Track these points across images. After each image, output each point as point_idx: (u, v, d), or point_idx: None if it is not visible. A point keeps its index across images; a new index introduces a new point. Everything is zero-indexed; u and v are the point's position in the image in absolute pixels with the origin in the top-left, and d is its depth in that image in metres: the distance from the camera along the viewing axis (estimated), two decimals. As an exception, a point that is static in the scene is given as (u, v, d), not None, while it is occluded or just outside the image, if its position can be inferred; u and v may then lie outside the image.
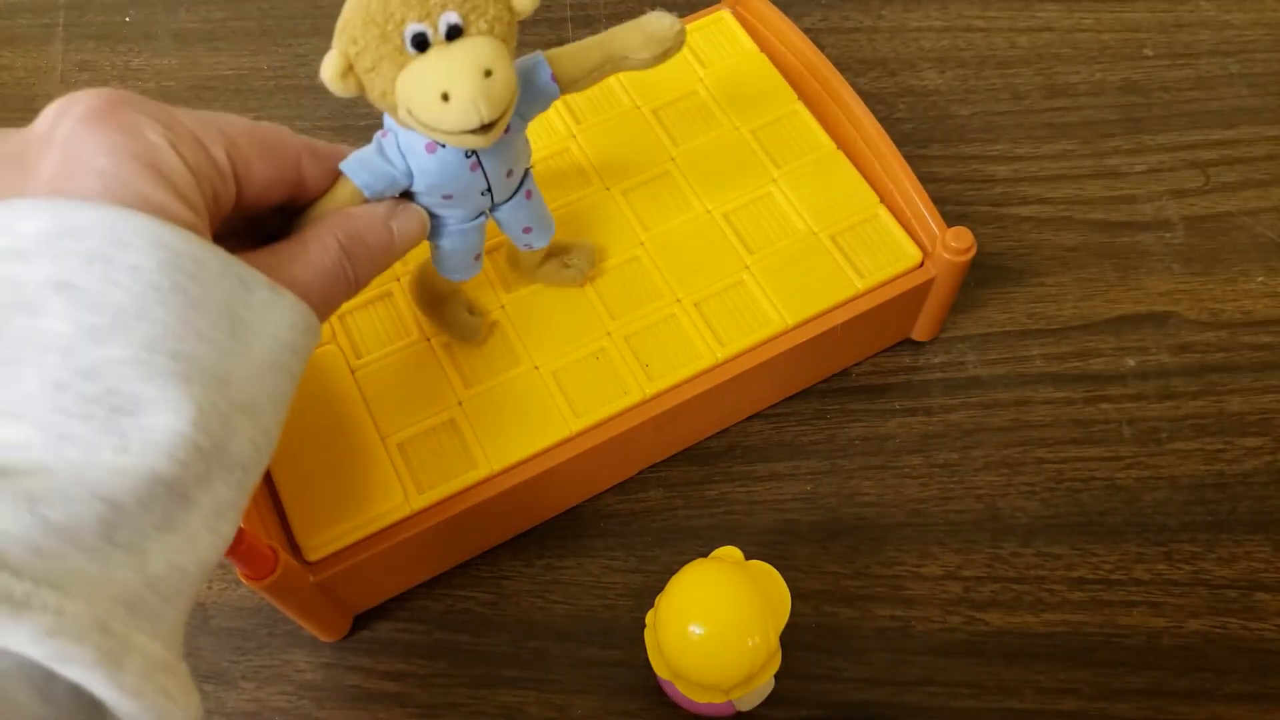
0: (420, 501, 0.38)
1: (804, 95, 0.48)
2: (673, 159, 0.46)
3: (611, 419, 0.40)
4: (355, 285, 0.32)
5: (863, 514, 0.43)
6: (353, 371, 0.41)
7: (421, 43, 0.29)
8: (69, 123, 0.26)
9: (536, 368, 0.41)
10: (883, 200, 0.45)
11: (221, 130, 0.29)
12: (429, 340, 0.42)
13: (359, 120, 0.55)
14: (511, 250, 0.42)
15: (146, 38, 0.59)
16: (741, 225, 0.45)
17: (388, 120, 0.32)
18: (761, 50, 0.49)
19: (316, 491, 0.38)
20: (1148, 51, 0.57)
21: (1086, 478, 0.44)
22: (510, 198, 0.36)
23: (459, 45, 0.29)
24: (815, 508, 0.44)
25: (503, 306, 0.43)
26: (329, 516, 0.38)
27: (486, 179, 0.34)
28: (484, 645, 0.41)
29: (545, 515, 0.43)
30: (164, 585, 0.24)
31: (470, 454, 0.39)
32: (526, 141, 0.36)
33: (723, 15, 0.51)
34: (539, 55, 0.34)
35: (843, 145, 0.47)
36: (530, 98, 0.34)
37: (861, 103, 0.46)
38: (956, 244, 0.42)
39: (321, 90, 0.30)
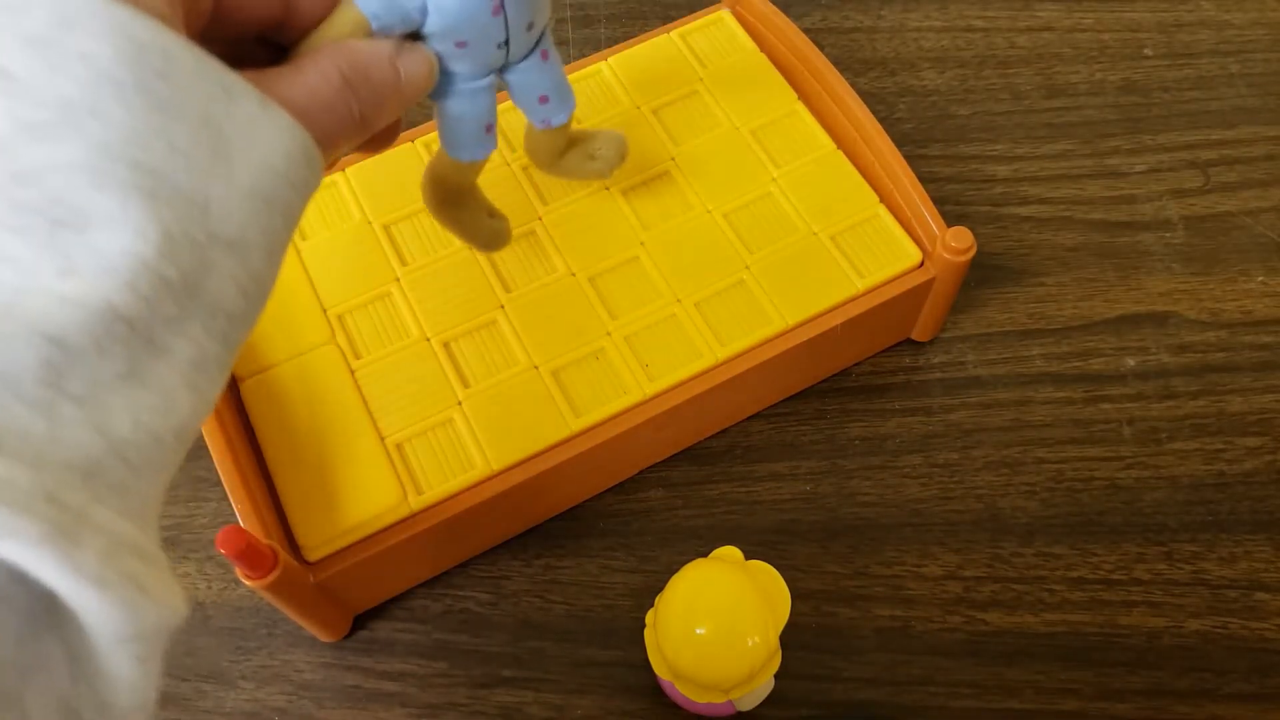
0: (420, 501, 0.38)
1: (804, 95, 0.48)
2: (673, 159, 0.46)
3: (611, 419, 0.40)
4: (361, 124, 0.27)
5: (863, 514, 0.43)
6: (352, 372, 0.41)
7: None
8: None
9: (536, 368, 0.41)
10: (883, 200, 0.45)
11: None
12: (429, 340, 0.42)
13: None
14: (530, 136, 0.38)
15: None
16: (741, 225, 0.45)
17: None
18: (761, 50, 0.49)
19: (316, 491, 0.38)
20: (1148, 51, 0.57)
21: (1087, 478, 0.44)
22: (527, 56, 0.33)
23: None
24: (815, 508, 0.44)
25: (502, 306, 0.43)
26: (329, 516, 0.38)
27: (507, 27, 0.31)
28: (483, 645, 0.41)
29: (545, 515, 0.43)
30: (132, 451, 0.20)
31: (470, 454, 0.39)
32: None
33: (723, 15, 0.51)
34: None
35: (843, 145, 0.47)
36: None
37: (861, 103, 0.46)
38: (956, 244, 0.42)
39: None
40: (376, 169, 0.46)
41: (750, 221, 0.45)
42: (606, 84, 0.48)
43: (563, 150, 0.39)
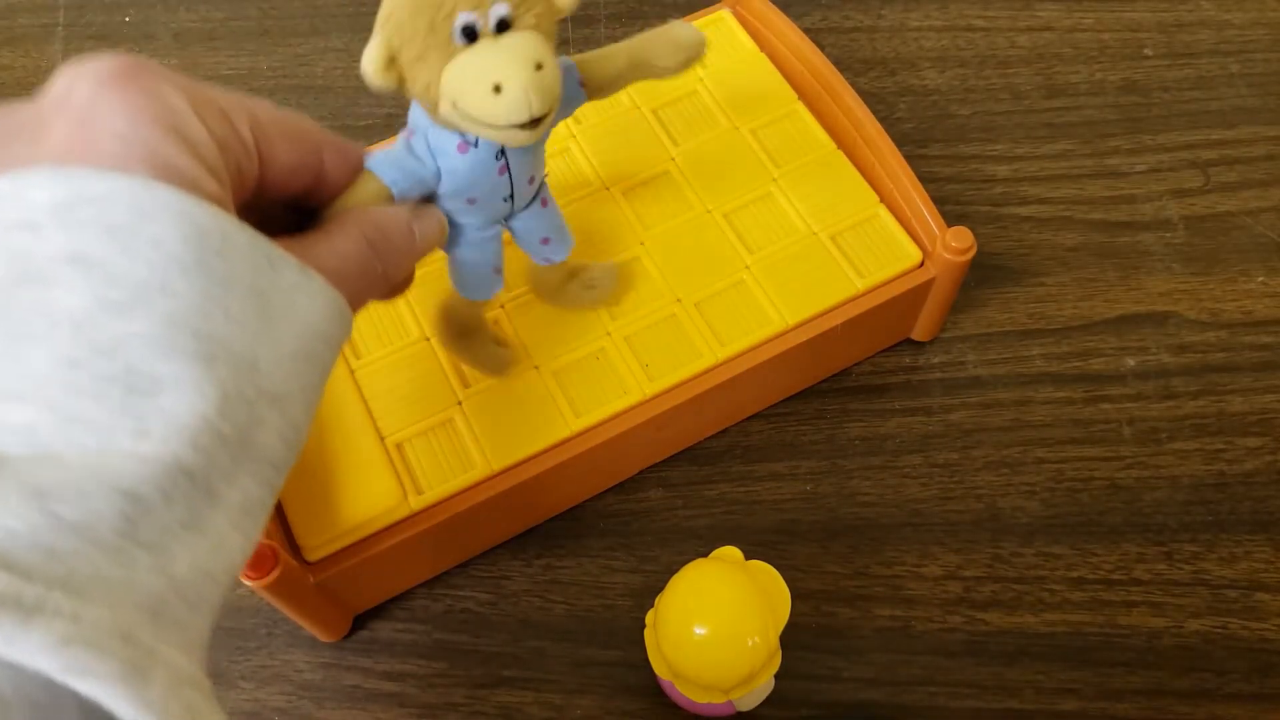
0: (420, 502, 0.38)
1: (804, 95, 0.48)
2: (673, 159, 0.46)
3: (611, 419, 0.40)
4: (384, 281, 0.30)
5: (863, 514, 0.43)
6: (352, 372, 0.41)
7: (471, 34, 0.28)
8: (86, 85, 0.24)
9: (536, 368, 0.41)
10: (883, 200, 0.45)
11: (245, 106, 0.27)
12: (428, 340, 0.42)
13: (359, 120, 0.55)
14: (533, 272, 0.41)
15: (146, 38, 0.59)
16: (741, 225, 0.45)
17: (415, 119, 0.32)
18: (761, 50, 0.49)
19: (316, 491, 0.38)
20: (1148, 51, 0.57)
21: (1087, 478, 0.44)
22: (528, 205, 0.36)
23: (509, 38, 0.28)
24: (815, 508, 0.44)
25: (502, 306, 0.43)
26: (329, 517, 0.38)
27: (511, 183, 0.33)
28: (483, 645, 0.41)
29: (545, 515, 0.43)
30: (190, 591, 0.22)
31: (470, 454, 0.39)
32: (544, 151, 0.35)
33: (723, 15, 0.51)
34: (568, 59, 0.33)
35: (843, 145, 0.47)
36: (561, 103, 0.33)
37: (861, 103, 0.46)
38: (956, 244, 0.42)
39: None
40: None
41: (750, 221, 0.45)
42: (606, 84, 0.48)
43: (565, 282, 0.41)
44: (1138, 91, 0.55)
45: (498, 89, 0.28)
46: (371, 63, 0.29)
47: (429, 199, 0.33)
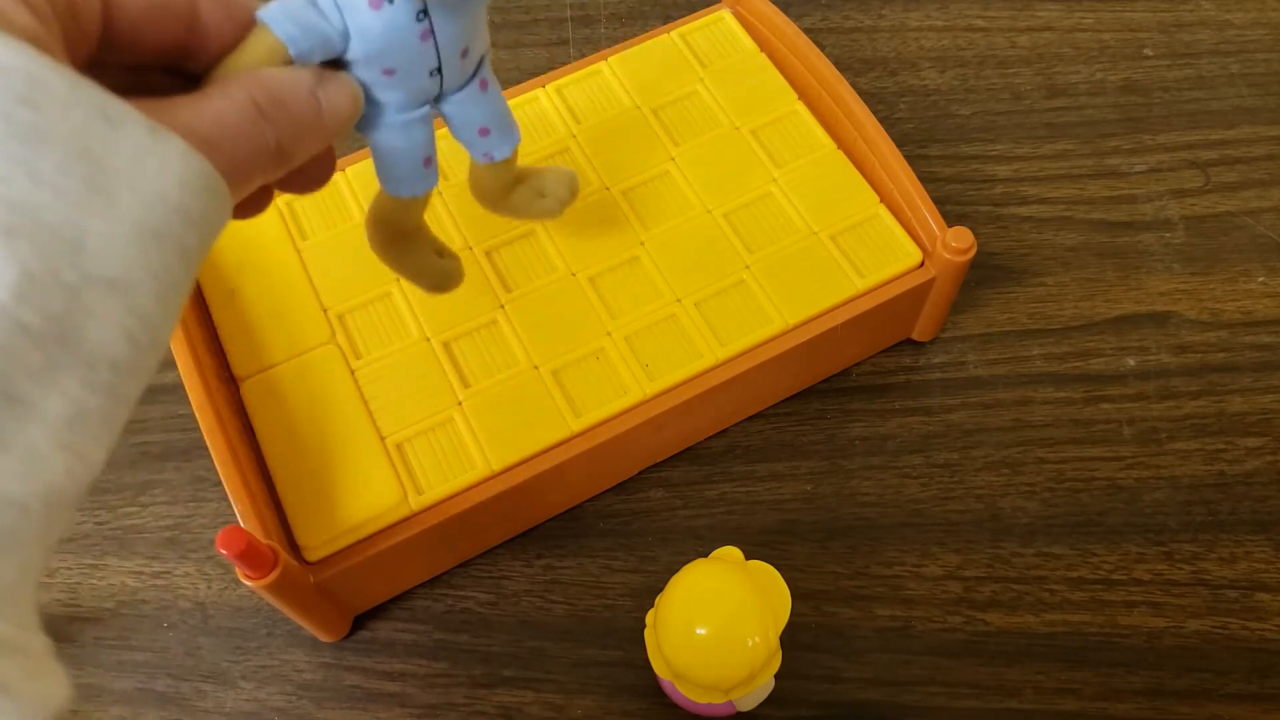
0: (420, 501, 0.38)
1: (804, 95, 0.48)
2: (673, 159, 0.46)
3: (611, 419, 0.40)
4: (278, 155, 0.25)
5: (863, 514, 0.43)
6: (352, 371, 0.41)
7: None
8: None
9: (536, 368, 0.41)
10: (883, 200, 0.45)
11: None
12: (429, 340, 0.42)
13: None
14: (474, 172, 0.36)
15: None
16: (741, 225, 0.45)
17: None
18: (761, 50, 0.49)
19: (316, 492, 0.38)
20: (1148, 51, 0.57)
21: (1087, 478, 0.44)
22: (463, 86, 0.31)
23: None
24: (815, 508, 0.44)
25: (502, 306, 0.43)
26: (329, 517, 0.38)
27: (438, 53, 0.29)
28: (483, 645, 0.41)
29: (545, 515, 0.43)
30: None
31: (470, 454, 0.39)
32: (484, 21, 0.31)
33: (723, 15, 0.51)
34: None
35: (843, 145, 0.47)
36: None
37: (861, 103, 0.46)
38: (956, 244, 0.42)
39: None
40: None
41: (750, 221, 0.45)
42: (606, 84, 0.48)
43: (510, 188, 0.37)
44: (1138, 91, 0.55)
45: None
46: None
47: (336, 65, 0.28)
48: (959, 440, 0.45)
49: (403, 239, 0.35)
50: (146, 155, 0.20)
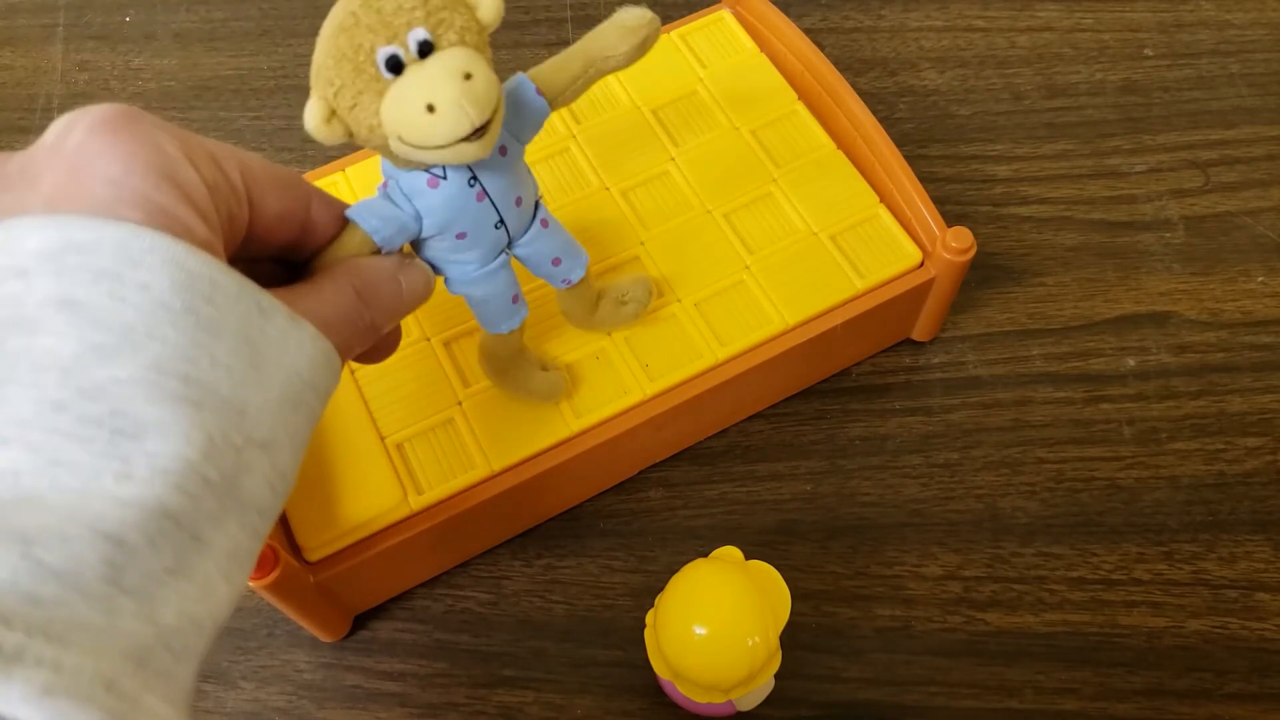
0: (420, 501, 0.38)
1: (804, 95, 0.48)
2: (673, 159, 0.46)
3: (611, 419, 0.40)
4: (371, 330, 0.30)
5: (863, 514, 0.43)
6: (352, 371, 0.41)
7: (396, 65, 0.28)
8: (79, 133, 0.24)
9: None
10: (883, 200, 0.45)
11: (236, 153, 0.28)
12: (429, 340, 0.42)
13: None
14: (561, 301, 0.40)
15: (146, 38, 0.59)
16: (741, 225, 0.45)
17: (385, 167, 0.32)
18: (761, 50, 0.49)
19: (316, 492, 0.38)
20: (1148, 51, 0.57)
21: (1087, 478, 0.44)
22: (527, 229, 0.35)
23: (433, 59, 0.28)
24: (815, 508, 0.44)
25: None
26: (329, 517, 0.38)
27: (496, 208, 0.33)
28: (484, 645, 0.41)
29: (545, 515, 0.43)
30: (176, 639, 0.22)
31: (470, 454, 0.39)
32: (529, 170, 0.35)
33: (723, 15, 0.51)
34: (520, 75, 0.33)
35: (843, 145, 0.47)
36: (521, 118, 0.33)
37: (861, 103, 0.46)
38: (956, 244, 0.42)
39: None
40: (376, 170, 0.46)
41: (750, 221, 0.45)
42: (606, 84, 0.48)
43: (594, 304, 0.40)
44: (1138, 91, 0.55)
45: (431, 108, 0.28)
46: (313, 119, 0.28)
47: (416, 245, 0.33)
48: (959, 440, 0.45)
49: (511, 365, 0.39)
50: (288, 339, 0.26)
